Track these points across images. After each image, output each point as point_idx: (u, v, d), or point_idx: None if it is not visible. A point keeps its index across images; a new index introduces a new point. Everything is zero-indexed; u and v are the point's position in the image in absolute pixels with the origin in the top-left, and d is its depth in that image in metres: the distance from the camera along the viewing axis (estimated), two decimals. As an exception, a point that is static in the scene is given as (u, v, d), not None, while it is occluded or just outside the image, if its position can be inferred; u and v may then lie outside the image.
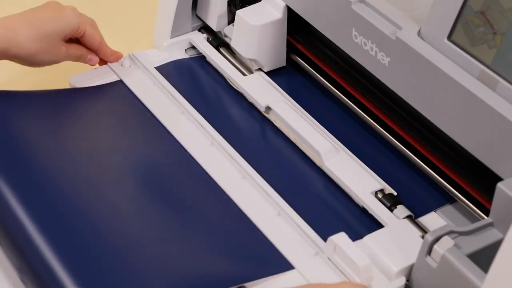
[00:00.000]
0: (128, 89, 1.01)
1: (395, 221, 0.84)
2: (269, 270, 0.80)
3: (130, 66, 1.04)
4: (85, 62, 1.01)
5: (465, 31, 0.79)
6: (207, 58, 1.06)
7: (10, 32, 0.91)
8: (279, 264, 0.81)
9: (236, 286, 0.78)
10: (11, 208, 0.81)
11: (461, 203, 0.87)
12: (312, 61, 1.03)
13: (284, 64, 1.05)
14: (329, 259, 0.81)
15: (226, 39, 1.07)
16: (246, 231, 0.85)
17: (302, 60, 1.04)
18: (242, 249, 0.83)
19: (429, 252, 0.75)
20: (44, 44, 0.93)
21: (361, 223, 0.86)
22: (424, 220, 0.86)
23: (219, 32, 1.08)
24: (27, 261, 0.78)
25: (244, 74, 1.03)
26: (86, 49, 1.01)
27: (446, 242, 0.74)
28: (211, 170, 0.91)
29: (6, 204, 0.82)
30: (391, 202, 0.86)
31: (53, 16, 0.94)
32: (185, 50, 1.09)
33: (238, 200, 0.87)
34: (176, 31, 1.07)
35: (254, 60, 1.02)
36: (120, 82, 1.02)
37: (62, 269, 0.76)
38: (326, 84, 1.00)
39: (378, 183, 0.88)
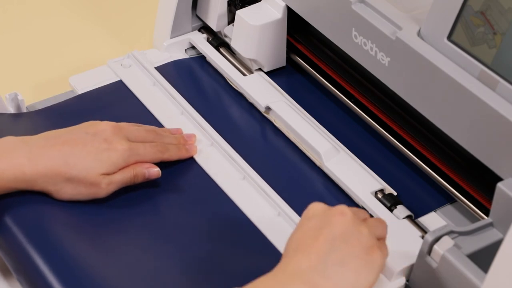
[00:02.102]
0: (128, 89, 1.01)
1: (395, 221, 0.84)
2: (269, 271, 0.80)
3: (130, 66, 1.04)
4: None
5: (465, 31, 0.79)
6: (207, 58, 1.06)
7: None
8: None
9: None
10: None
11: (461, 203, 0.87)
12: (312, 61, 1.03)
13: (284, 64, 1.05)
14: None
15: (226, 39, 1.07)
16: (246, 231, 0.85)
17: (302, 60, 1.04)
18: (242, 251, 0.83)
19: (429, 252, 0.75)
20: None
21: (361, 223, 0.86)
22: (424, 220, 0.86)
23: (219, 32, 1.08)
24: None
25: (244, 74, 1.03)
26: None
27: (446, 242, 0.74)
28: (210, 170, 0.91)
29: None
30: (391, 202, 0.86)
31: (367, 265, 0.75)
32: (185, 50, 1.09)
33: (238, 201, 0.87)
34: (176, 31, 1.07)
35: (254, 60, 1.02)
36: (120, 82, 1.02)
37: None
38: (326, 84, 1.00)
39: (378, 183, 0.88)
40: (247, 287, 0.70)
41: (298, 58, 1.04)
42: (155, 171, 0.87)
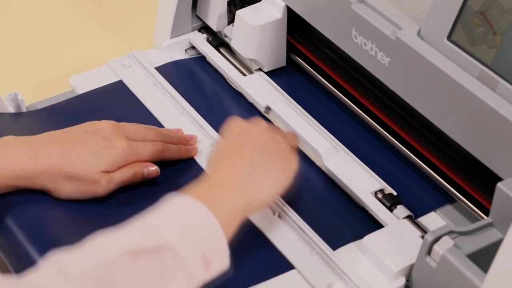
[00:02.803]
0: (128, 89, 1.01)
1: (395, 221, 0.84)
2: (269, 272, 0.80)
3: (130, 66, 1.04)
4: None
5: (465, 31, 0.79)
6: (207, 58, 1.06)
7: None
8: (279, 264, 0.81)
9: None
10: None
11: (461, 203, 0.87)
12: (312, 61, 1.03)
13: (284, 64, 1.05)
14: (328, 258, 0.81)
15: (226, 39, 1.07)
16: (246, 231, 0.85)
17: (302, 60, 1.04)
18: (242, 251, 0.83)
19: (429, 252, 0.75)
20: None
21: (361, 223, 0.86)
22: (424, 220, 0.86)
23: (219, 32, 1.08)
24: None
25: (244, 74, 1.03)
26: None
27: (446, 242, 0.74)
28: (211, 170, 0.91)
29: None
30: (391, 202, 0.86)
31: (285, 172, 0.84)
32: (185, 50, 1.09)
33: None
34: (176, 31, 1.07)
35: (254, 60, 1.02)
36: (120, 82, 1.02)
37: None
38: (326, 84, 1.00)
39: (378, 183, 0.88)
40: (181, 195, 0.74)
41: (298, 58, 1.04)
42: (154, 170, 0.87)
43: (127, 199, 0.86)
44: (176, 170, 0.90)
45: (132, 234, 0.70)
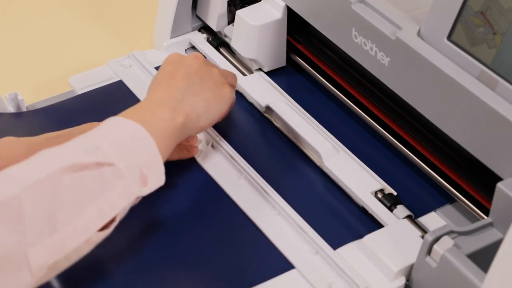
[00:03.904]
0: (128, 89, 1.01)
1: (395, 221, 0.84)
2: (269, 272, 0.80)
3: (130, 66, 1.04)
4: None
5: (465, 31, 0.79)
6: (207, 58, 1.06)
7: (193, 113, 0.84)
8: (279, 264, 0.81)
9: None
10: None
11: (461, 203, 0.87)
12: (312, 61, 1.03)
13: (284, 64, 1.05)
14: (329, 257, 0.81)
15: (226, 39, 1.07)
16: (246, 231, 0.85)
17: (302, 60, 1.04)
18: (243, 251, 0.83)
19: (429, 252, 0.75)
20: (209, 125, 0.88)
21: (361, 223, 0.86)
22: (424, 220, 0.86)
23: (219, 32, 1.08)
24: None
25: (244, 74, 1.03)
26: None
27: (446, 242, 0.74)
28: (210, 170, 0.91)
29: None
30: (391, 202, 0.86)
31: (218, 97, 0.87)
32: (185, 50, 1.09)
33: (238, 200, 0.87)
34: (176, 31, 1.08)
35: (254, 60, 1.02)
36: (120, 82, 1.02)
37: None
38: (326, 84, 1.00)
39: (378, 183, 0.88)
40: (119, 116, 0.78)
41: (298, 58, 1.04)
42: None
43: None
44: (176, 170, 0.90)
45: (75, 150, 0.73)
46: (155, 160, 0.77)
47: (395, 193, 0.88)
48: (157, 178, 0.77)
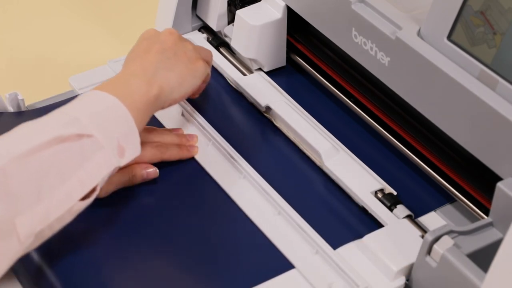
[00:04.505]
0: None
1: (395, 220, 0.84)
2: (269, 272, 0.80)
3: (130, 66, 1.04)
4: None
5: (465, 31, 0.79)
6: (207, 58, 1.06)
7: (167, 86, 0.85)
8: (279, 264, 0.81)
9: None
10: None
11: (461, 202, 0.87)
12: (312, 61, 1.03)
13: (284, 64, 1.05)
14: (329, 257, 0.81)
15: (226, 39, 1.07)
16: (246, 231, 0.85)
17: (302, 60, 1.04)
18: (242, 251, 0.83)
19: (429, 251, 0.75)
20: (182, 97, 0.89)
21: (361, 223, 0.86)
22: (424, 219, 0.86)
23: (219, 32, 1.08)
24: None
25: (244, 74, 1.03)
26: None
27: (446, 242, 0.74)
28: (210, 169, 0.91)
29: None
30: (391, 202, 0.86)
31: (191, 72, 0.88)
32: (185, 50, 1.09)
33: (238, 200, 0.87)
34: (176, 31, 1.07)
35: (254, 60, 1.02)
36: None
37: None
38: (326, 84, 1.00)
39: (378, 183, 0.88)
40: (98, 87, 0.81)
41: (298, 58, 1.04)
42: (153, 172, 0.87)
43: (127, 199, 0.86)
44: (176, 170, 0.90)
45: (55, 123, 0.76)
46: (131, 131, 0.79)
47: (395, 193, 0.88)
48: (133, 149, 0.79)
